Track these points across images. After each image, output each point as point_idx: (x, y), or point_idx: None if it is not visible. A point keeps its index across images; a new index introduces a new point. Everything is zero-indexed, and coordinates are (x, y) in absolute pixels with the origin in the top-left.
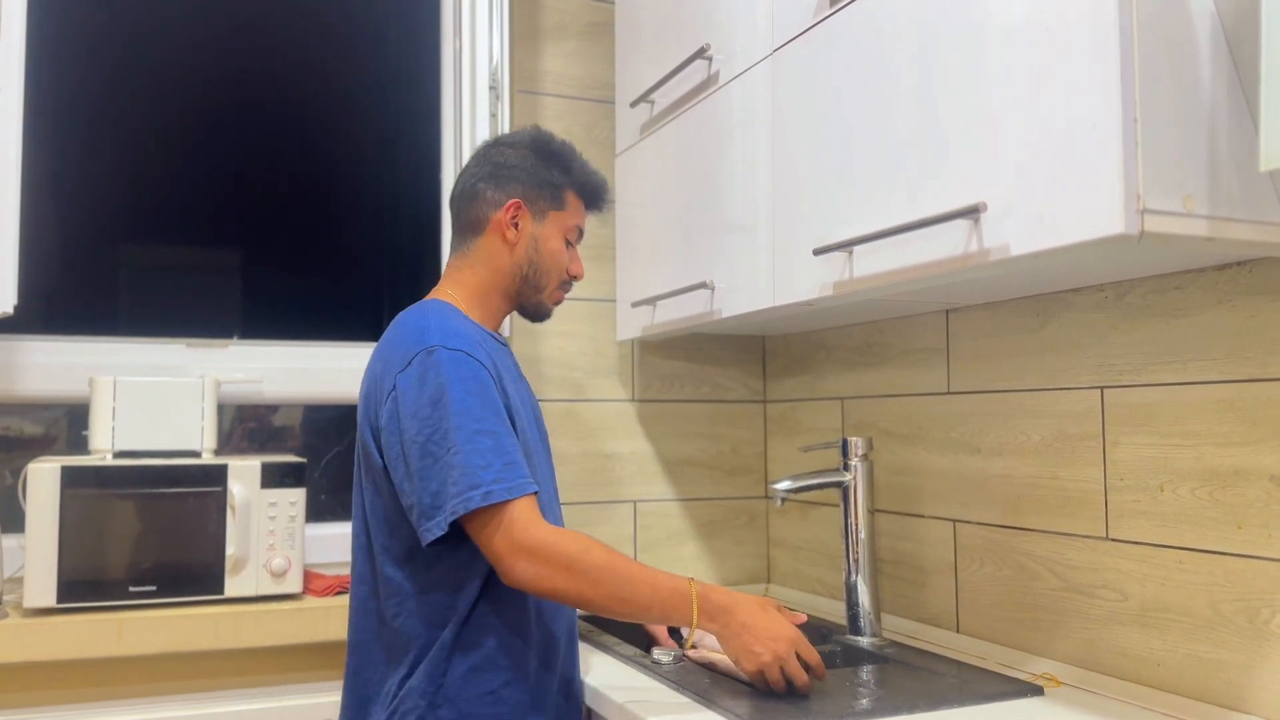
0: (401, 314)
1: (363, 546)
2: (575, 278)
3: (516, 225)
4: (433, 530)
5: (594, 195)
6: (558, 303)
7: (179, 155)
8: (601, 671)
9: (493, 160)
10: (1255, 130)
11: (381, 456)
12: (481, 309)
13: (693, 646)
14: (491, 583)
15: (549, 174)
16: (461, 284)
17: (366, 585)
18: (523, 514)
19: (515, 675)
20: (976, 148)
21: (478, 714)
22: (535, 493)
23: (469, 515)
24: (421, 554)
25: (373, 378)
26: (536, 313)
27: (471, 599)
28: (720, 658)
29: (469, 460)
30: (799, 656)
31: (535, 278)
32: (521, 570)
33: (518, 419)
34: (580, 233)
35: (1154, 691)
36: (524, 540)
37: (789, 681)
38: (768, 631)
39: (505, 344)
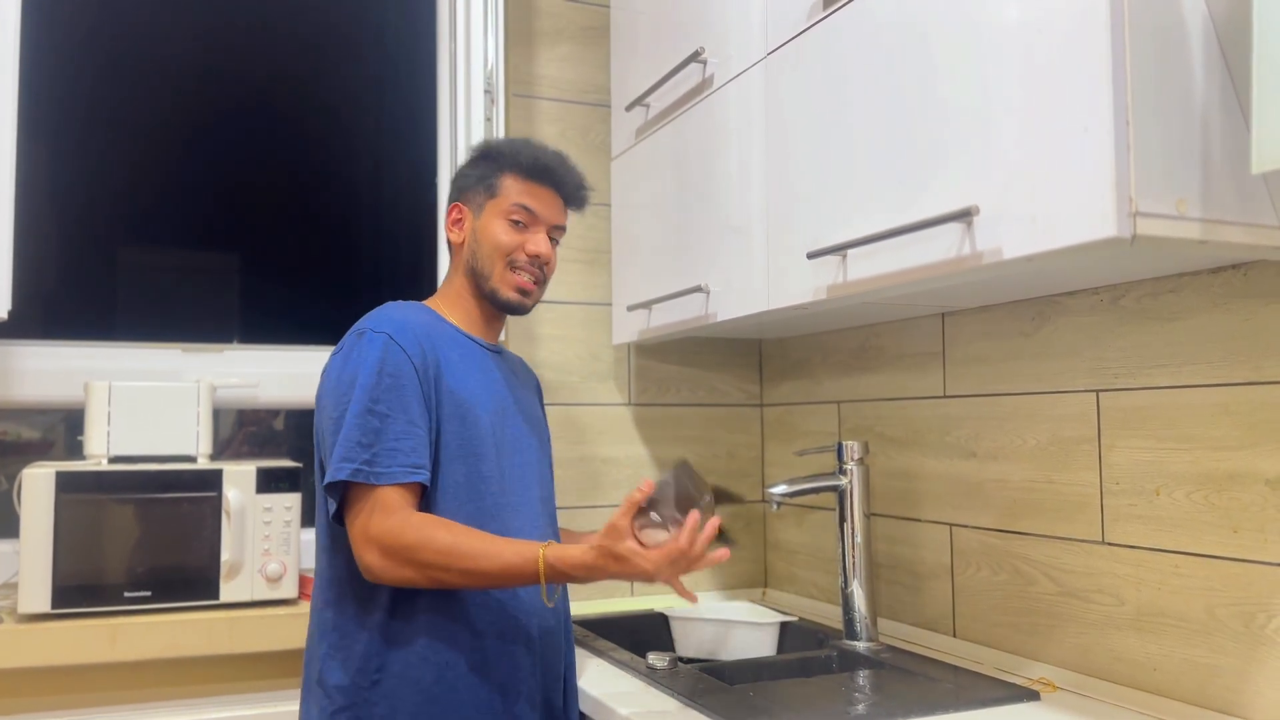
0: None
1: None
2: (535, 258)
3: (460, 225)
4: (331, 502)
5: (533, 169)
6: (519, 288)
7: (175, 160)
8: (593, 676)
9: (453, 182)
10: (1248, 132)
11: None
12: (460, 312)
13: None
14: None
15: (480, 169)
16: (441, 291)
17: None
18: (385, 502)
19: (451, 667)
20: (969, 151)
21: (417, 713)
22: (415, 484)
23: (345, 497)
24: (342, 539)
25: None
26: (496, 300)
27: (387, 596)
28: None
29: (350, 435)
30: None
31: (479, 265)
32: (371, 561)
33: (457, 414)
34: (527, 210)
35: (1150, 696)
36: (375, 530)
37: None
38: (635, 569)
39: (496, 349)
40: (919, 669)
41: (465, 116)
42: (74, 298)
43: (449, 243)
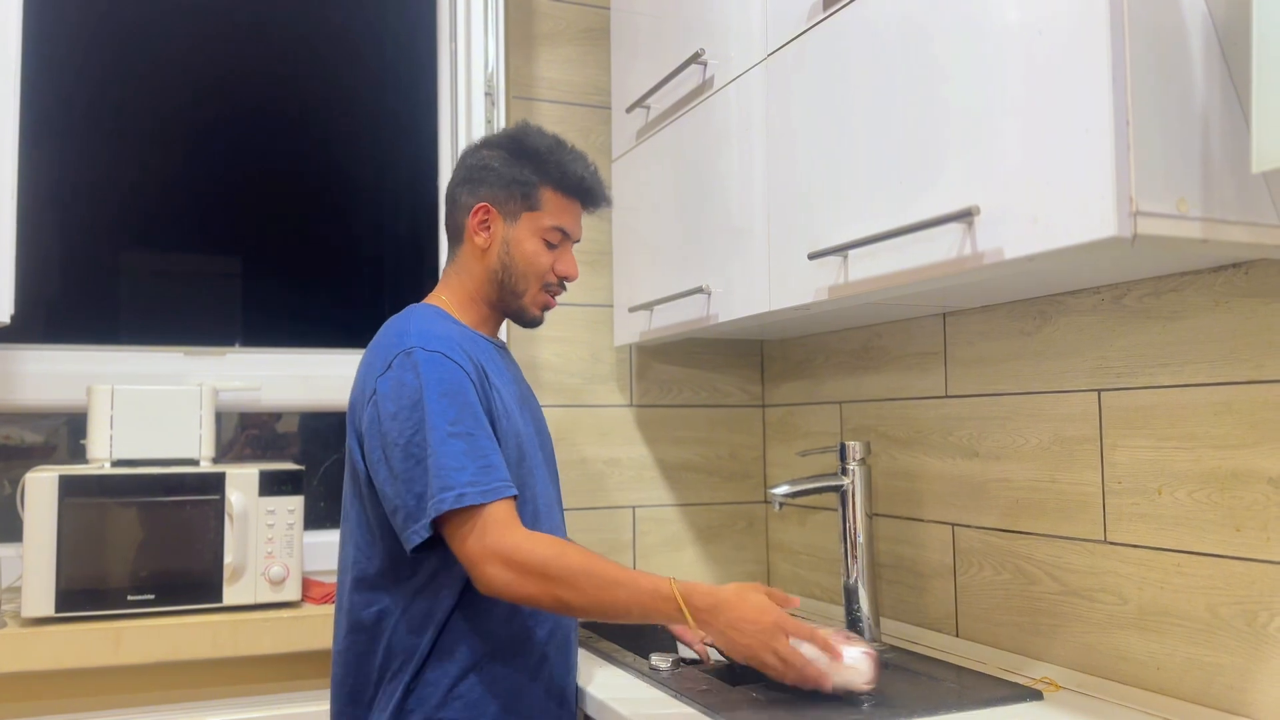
0: (389, 320)
1: (348, 553)
2: (565, 279)
3: (487, 229)
4: (416, 535)
5: (576, 189)
6: (545, 307)
7: (176, 162)
8: (600, 679)
9: (468, 164)
10: (1248, 132)
11: (365, 462)
12: (472, 314)
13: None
14: (469, 590)
15: (520, 172)
16: (451, 289)
17: (348, 593)
18: (498, 518)
19: (491, 684)
20: (970, 151)
21: None
22: (514, 496)
23: (444, 519)
24: (403, 561)
25: (357, 384)
26: (520, 318)
27: (449, 607)
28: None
29: (442, 463)
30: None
31: (511, 282)
32: (494, 576)
33: (507, 420)
34: (563, 233)
35: (1153, 695)
36: (497, 545)
37: (798, 669)
38: (752, 622)
39: (503, 346)
40: (922, 669)
41: (466, 119)
42: (76, 302)
43: (459, 239)
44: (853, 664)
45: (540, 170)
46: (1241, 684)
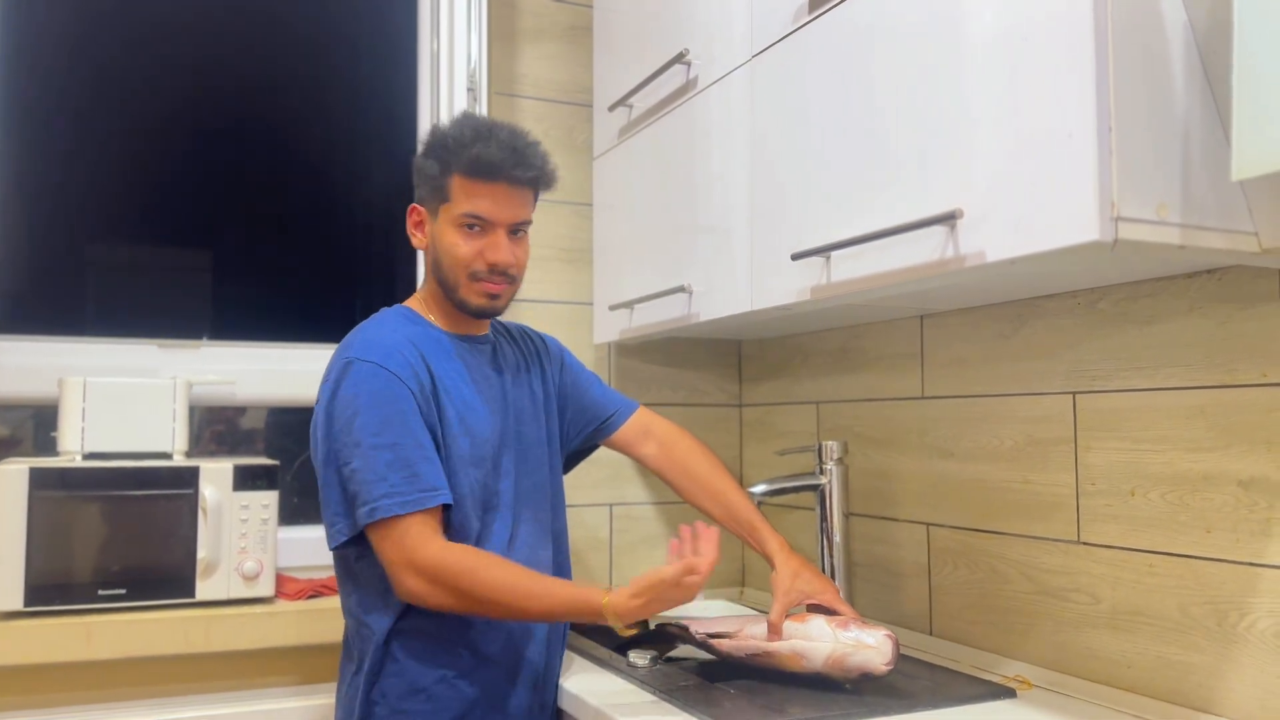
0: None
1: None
2: (494, 266)
3: (421, 229)
4: (332, 538)
5: (484, 170)
6: (488, 295)
7: (149, 154)
8: (577, 675)
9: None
10: (1227, 140)
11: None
12: (441, 313)
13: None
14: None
15: (431, 166)
16: (424, 288)
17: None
18: (416, 529)
19: (451, 672)
20: (953, 155)
21: (410, 710)
22: (442, 505)
23: (367, 529)
24: (353, 548)
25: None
26: (465, 310)
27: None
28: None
29: (364, 475)
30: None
31: (444, 277)
32: (411, 586)
33: (460, 424)
34: (477, 218)
35: (1125, 694)
36: (413, 557)
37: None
38: (664, 597)
39: (484, 340)
40: (897, 667)
41: (447, 115)
42: (47, 293)
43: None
44: (875, 645)
45: (446, 160)
46: (1212, 682)
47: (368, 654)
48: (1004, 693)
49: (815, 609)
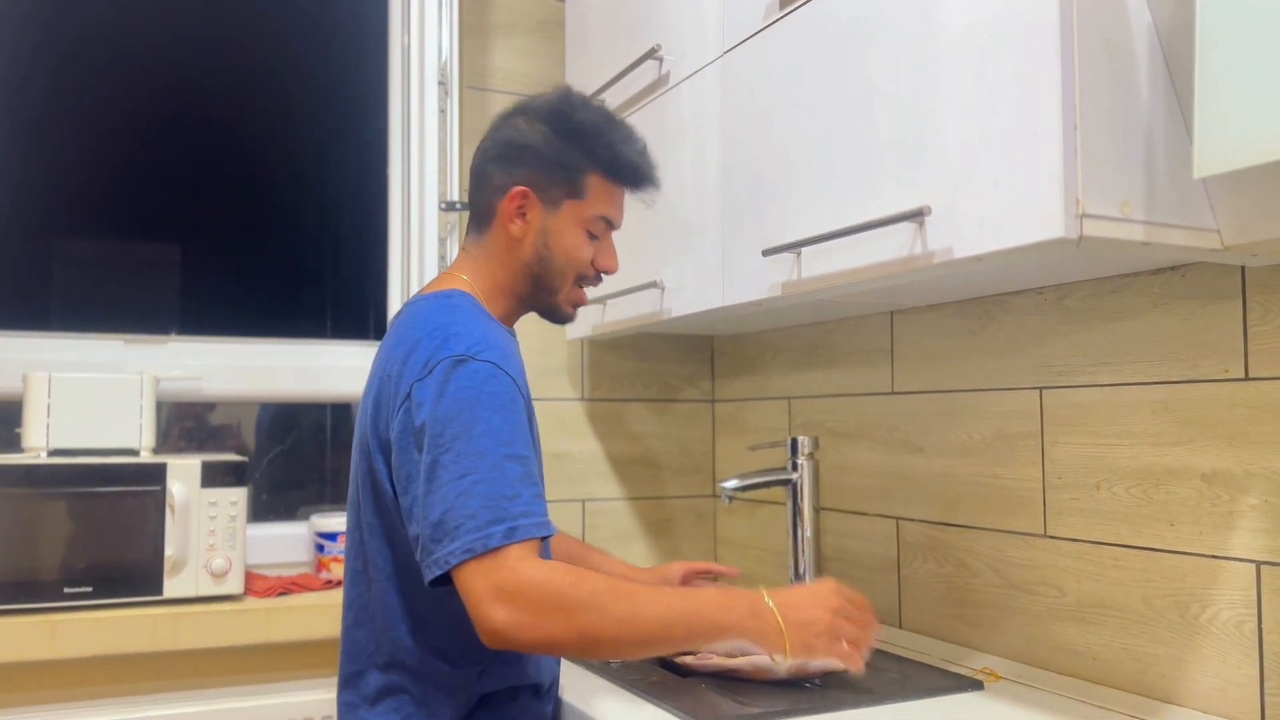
0: (419, 303)
1: (357, 555)
2: (604, 272)
3: (524, 216)
4: (435, 567)
5: (628, 176)
6: (578, 303)
7: (116, 147)
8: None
9: (503, 137)
10: (1190, 138)
11: (389, 470)
12: (499, 305)
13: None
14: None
15: (565, 155)
16: (478, 274)
17: (360, 592)
18: (521, 553)
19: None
20: (922, 152)
21: None
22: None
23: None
24: (413, 572)
25: (382, 379)
26: (552, 316)
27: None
28: (741, 662)
29: (495, 490)
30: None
31: (546, 278)
32: (502, 619)
33: (537, 440)
34: (608, 223)
35: (1090, 685)
36: (509, 582)
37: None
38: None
39: (514, 336)
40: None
41: (419, 108)
42: (11, 287)
43: (488, 221)
44: None
45: (589, 153)
46: (1174, 673)
47: (442, 705)
48: (972, 685)
49: (697, 577)
